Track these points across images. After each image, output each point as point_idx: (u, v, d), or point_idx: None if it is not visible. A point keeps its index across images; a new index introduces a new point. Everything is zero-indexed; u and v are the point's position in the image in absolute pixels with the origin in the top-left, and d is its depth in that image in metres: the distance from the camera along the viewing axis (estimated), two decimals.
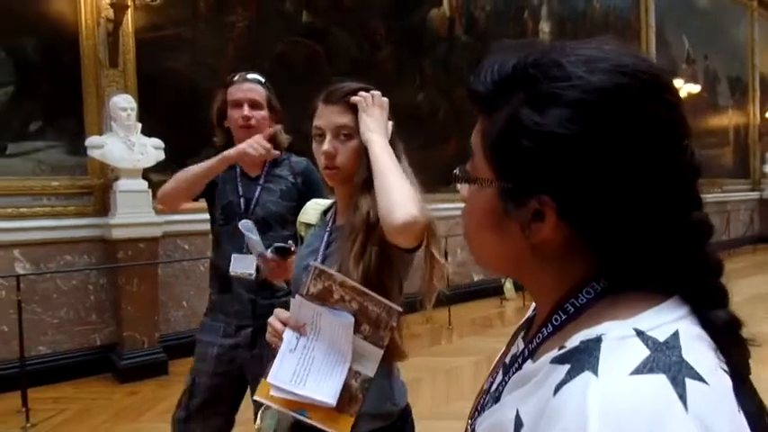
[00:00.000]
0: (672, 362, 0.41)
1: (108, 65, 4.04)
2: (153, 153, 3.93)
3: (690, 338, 0.44)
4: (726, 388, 0.43)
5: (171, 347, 3.95)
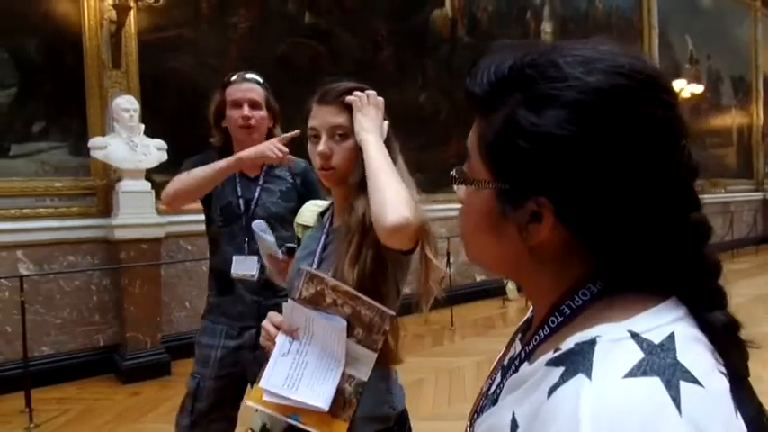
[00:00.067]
0: (666, 364, 0.40)
1: (111, 66, 4.05)
2: (156, 154, 3.94)
3: (686, 340, 0.43)
4: (722, 391, 0.42)
5: (174, 348, 3.96)
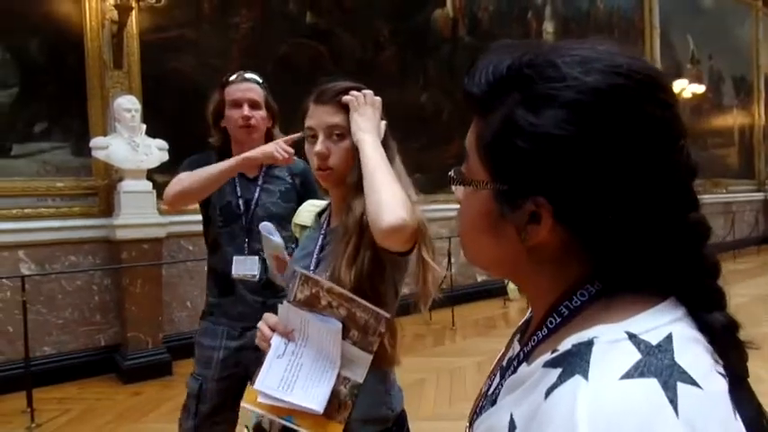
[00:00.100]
0: (664, 366, 0.40)
1: (112, 66, 4.06)
2: (157, 154, 3.94)
3: (684, 341, 0.43)
4: (720, 392, 0.42)
5: (175, 348, 3.96)
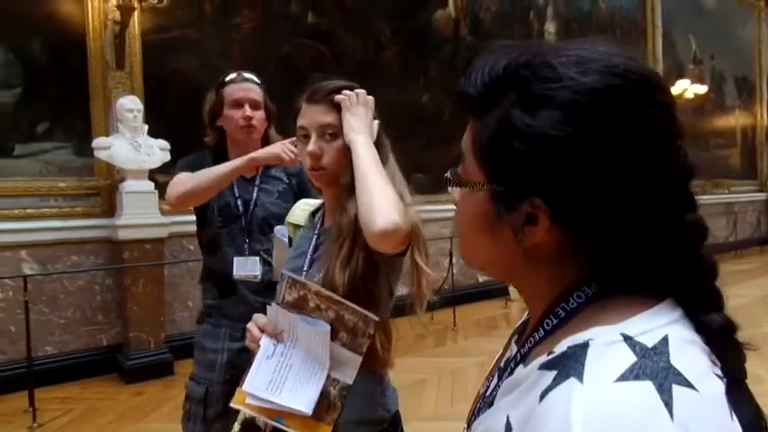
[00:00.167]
0: (659, 368, 0.40)
1: (115, 66, 4.07)
2: (159, 154, 3.95)
3: (680, 343, 0.43)
4: (717, 394, 0.42)
5: (177, 348, 3.96)
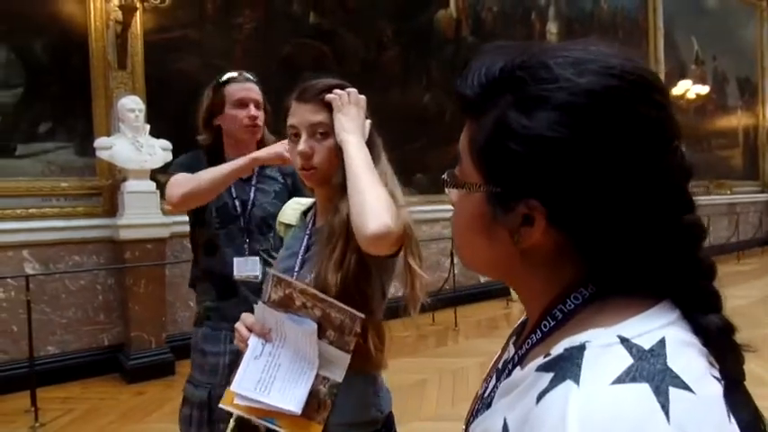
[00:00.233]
0: (656, 370, 0.40)
1: (116, 66, 4.07)
2: (161, 154, 3.95)
3: (677, 345, 0.43)
4: (714, 396, 0.41)
5: (178, 348, 3.96)
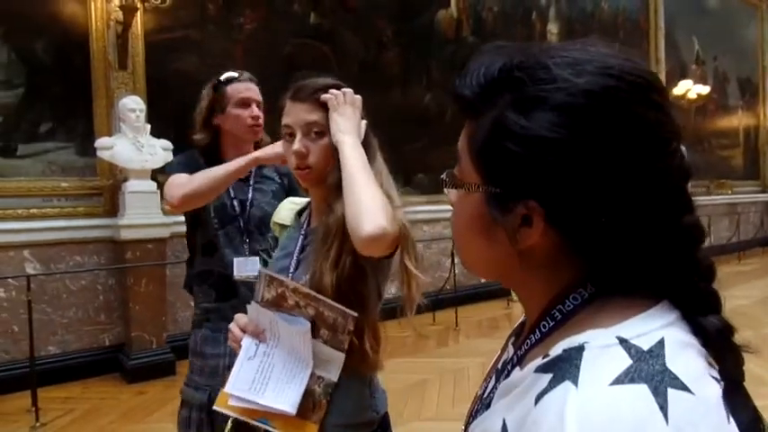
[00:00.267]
0: (655, 371, 0.40)
1: (117, 67, 4.07)
2: (161, 154, 3.95)
3: (676, 346, 0.43)
4: (713, 397, 0.41)
5: (179, 348, 3.95)
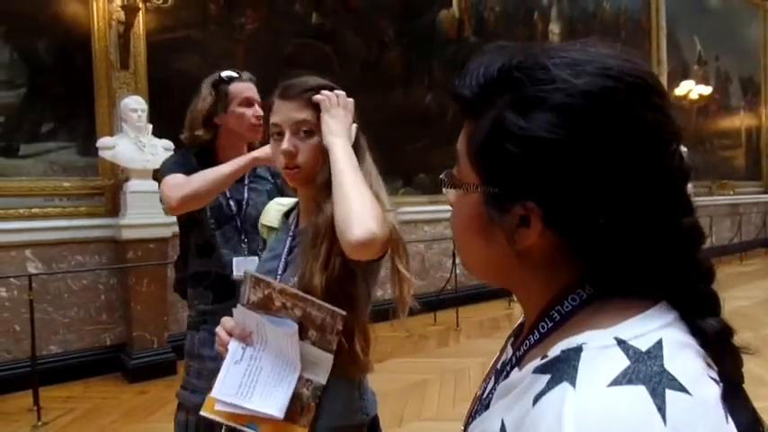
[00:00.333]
0: (653, 372, 0.40)
1: (119, 67, 4.08)
2: (163, 154, 3.93)
3: (675, 347, 0.42)
4: (712, 398, 0.41)
5: (180, 347, 3.94)
